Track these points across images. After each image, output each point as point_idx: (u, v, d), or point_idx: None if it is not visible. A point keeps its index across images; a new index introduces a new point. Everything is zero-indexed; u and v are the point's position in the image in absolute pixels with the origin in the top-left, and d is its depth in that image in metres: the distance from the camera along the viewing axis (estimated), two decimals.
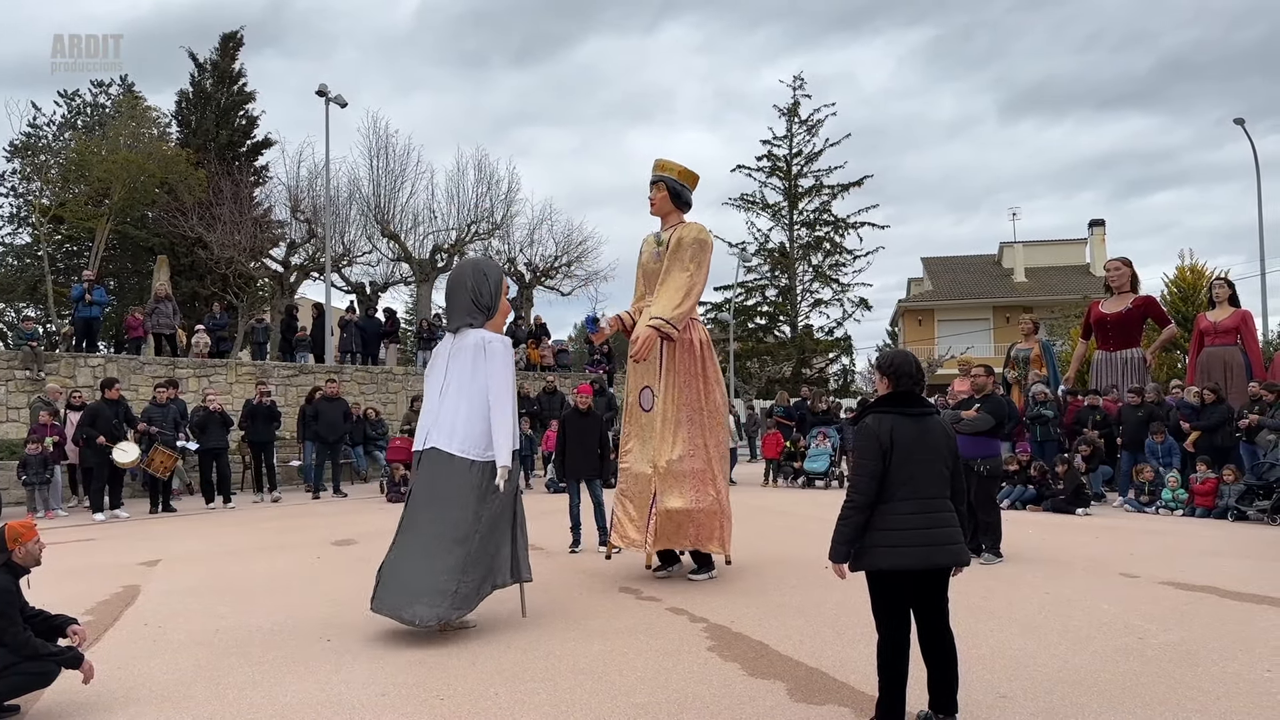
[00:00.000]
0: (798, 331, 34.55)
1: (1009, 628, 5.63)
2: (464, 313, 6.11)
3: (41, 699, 4.56)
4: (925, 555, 3.73)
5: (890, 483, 3.75)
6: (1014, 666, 4.80)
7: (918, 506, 3.74)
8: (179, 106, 33.55)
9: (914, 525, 3.72)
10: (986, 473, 8.08)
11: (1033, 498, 12.35)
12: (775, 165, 36.70)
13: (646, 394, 7.34)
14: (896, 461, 3.74)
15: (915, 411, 3.86)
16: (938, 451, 3.83)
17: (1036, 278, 44.08)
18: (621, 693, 4.46)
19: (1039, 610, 6.10)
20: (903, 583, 3.79)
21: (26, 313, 32.10)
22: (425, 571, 5.53)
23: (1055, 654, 5.03)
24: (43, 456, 13.39)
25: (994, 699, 4.28)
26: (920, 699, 3.95)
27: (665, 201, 7.51)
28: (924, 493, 3.76)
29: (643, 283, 7.72)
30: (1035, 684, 4.50)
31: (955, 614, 6.00)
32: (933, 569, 3.79)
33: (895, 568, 3.73)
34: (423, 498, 5.76)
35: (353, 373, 21.70)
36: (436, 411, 5.91)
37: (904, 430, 3.78)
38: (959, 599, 6.44)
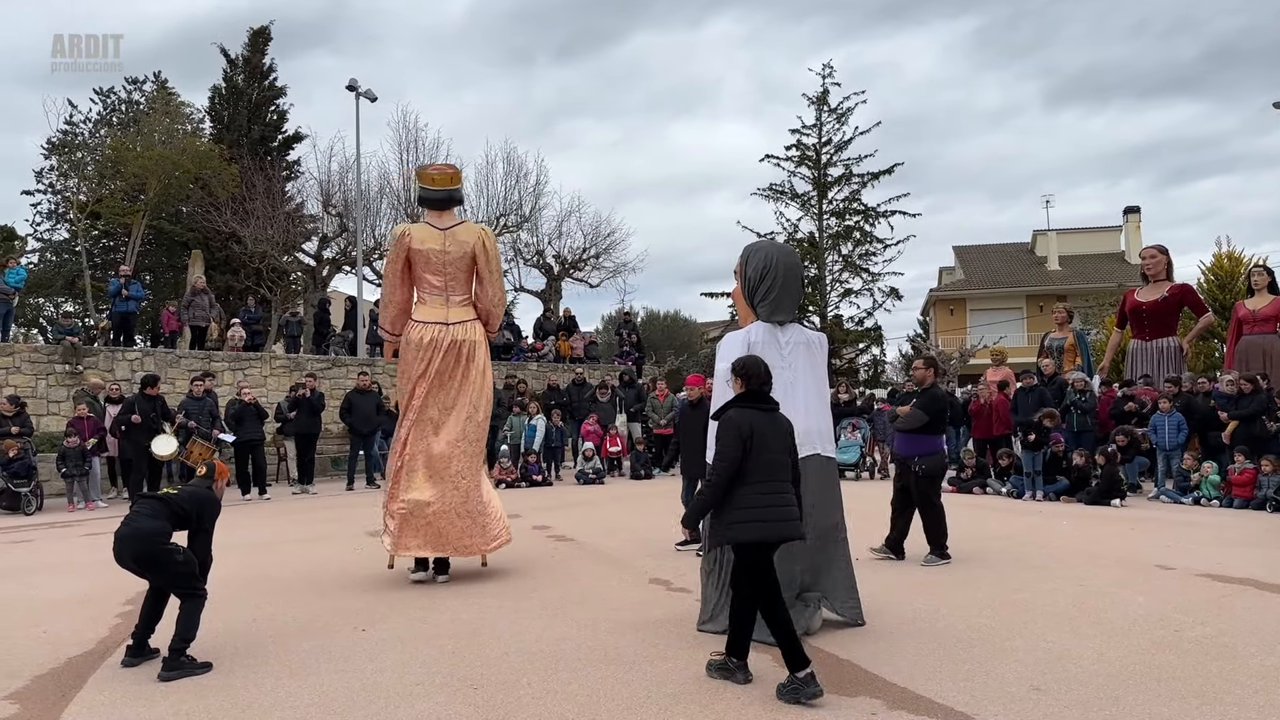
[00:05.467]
0: (827, 322, 34.30)
1: (1042, 620, 5.59)
2: (796, 304, 5.83)
3: (85, 687, 4.67)
4: (777, 529, 4.32)
5: (747, 468, 4.30)
6: (1048, 659, 4.77)
7: (770, 488, 4.33)
8: (212, 102, 33.94)
9: (767, 504, 4.30)
10: (923, 472, 7.74)
11: (1066, 489, 12.25)
12: (804, 154, 36.40)
13: None
14: (754, 449, 4.31)
15: (765, 407, 4.49)
16: (784, 442, 4.45)
17: (1070, 266, 43.52)
18: (654, 683, 4.48)
19: (1073, 602, 6.05)
20: (765, 550, 4.36)
21: (65, 308, 32.70)
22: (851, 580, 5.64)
23: (1090, 646, 4.99)
24: (81, 449, 13.64)
25: (1027, 691, 4.26)
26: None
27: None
28: (774, 476, 4.35)
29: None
30: (1069, 676, 4.47)
31: (990, 606, 6.00)
32: (781, 541, 4.39)
33: (753, 539, 4.29)
34: (824, 503, 5.57)
35: (384, 365, 21.88)
36: (804, 413, 5.46)
37: (759, 423, 4.38)
38: (993, 592, 6.42)
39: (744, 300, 5.76)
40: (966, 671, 4.58)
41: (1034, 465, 12.65)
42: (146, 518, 5.06)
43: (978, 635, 5.27)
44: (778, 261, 5.63)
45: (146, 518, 5.06)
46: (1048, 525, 9.91)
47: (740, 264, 5.78)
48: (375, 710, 4.20)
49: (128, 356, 18.09)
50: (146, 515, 5.08)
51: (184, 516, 5.14)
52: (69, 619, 6.20)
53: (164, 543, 5.00)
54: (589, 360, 25.24)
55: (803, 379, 5.57)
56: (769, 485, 4.32)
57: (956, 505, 12.09)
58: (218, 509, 5.37)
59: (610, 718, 4.02)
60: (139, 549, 4.97)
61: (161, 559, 4.98)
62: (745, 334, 5.50)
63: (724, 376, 5.40)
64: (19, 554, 9.42)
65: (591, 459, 17.14)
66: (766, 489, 4.31)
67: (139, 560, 4.99)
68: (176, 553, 5.03)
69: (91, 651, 5.38)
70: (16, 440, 13.47)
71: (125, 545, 4.99)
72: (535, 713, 4.12)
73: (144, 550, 4.97)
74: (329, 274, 30.24)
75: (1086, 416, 13.54)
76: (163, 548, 4.98)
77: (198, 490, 5.34)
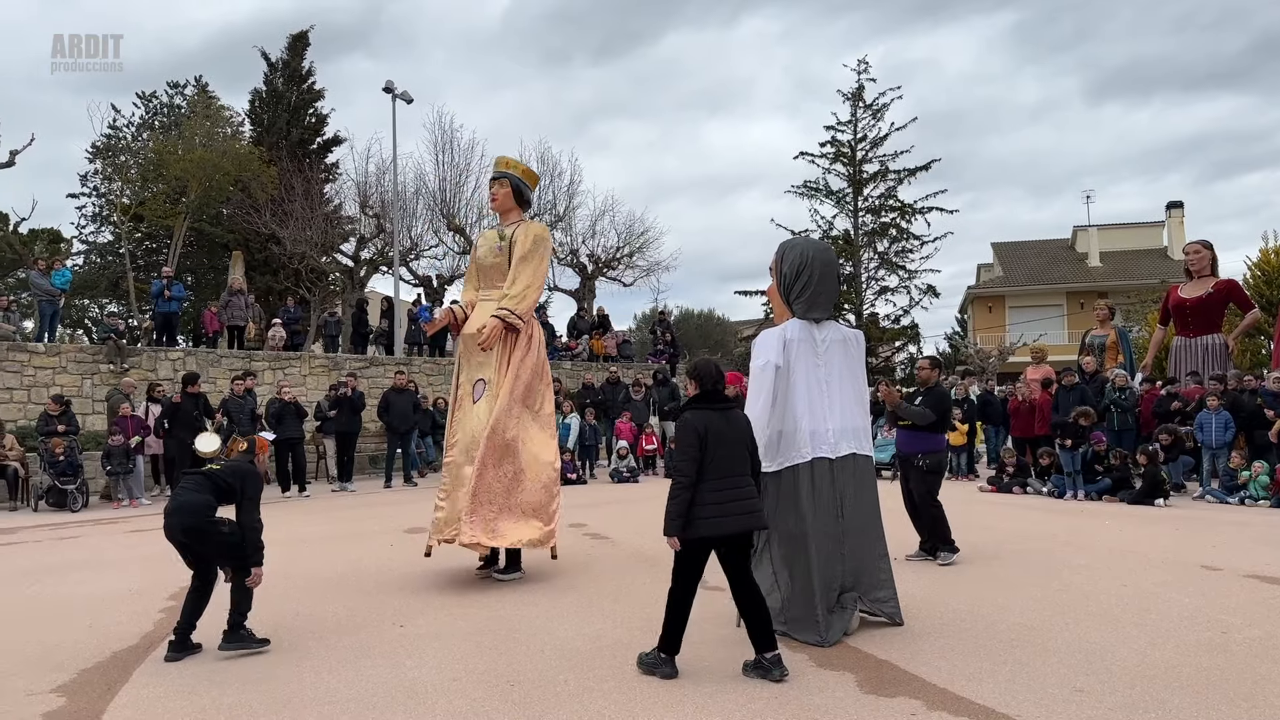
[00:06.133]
0: (862, 320, 34.04)
1: (1085, 620, 5.51)
2: (833, 301, 5.73)
3: (130, 681, 4.75)
4: (738, 522, 4.47)
5: (705, 465, 4.50)
6: (1090, 660, 4.70)
7: (728, 484, 4.50)
8: (252, 105, 34.39)
9: (727, 499, 4.47)
10: (927, 468, 7.71)
11: (1108, 488, 12.05)
12: (839, 151, 36.17)
13: (480, 386, 7.31)
14: (710, 447, 4.51)
15: (720, 406, 4.70)
16: (740, 438, 4.64)
17: (1112, 262, 42.87)
18: (689, 682, 4.47)
19: (1116, 603, 5.96)
20: (708, 548, 4.53)
21: (109, 308, 33.30)
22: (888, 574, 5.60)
23: (1134, 648, 4.90)
24: (125, 447, 13.89)
25: (1069, 693, 4.20)
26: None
27: (508, 198, 7.63)
28: (732, 471, 4.53)
29: (478, 277, 7.67)
30: (1113, 677, 4.40)
31: (1030, 606, 5.92)
32: (743, 533, 4.53)
33: (716, 534, 4.45)
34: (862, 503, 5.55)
35: (421, 364, 22.07)
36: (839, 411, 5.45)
37: (714, 422, 4.59)
38: (1033, 592, 6.34)
39: (779, 297, 5.72)
40: (1007, 672, 4.52)
41: (1074, 465, 12.47)
42: (192, 492, 5.30)
43: (1018, 635, 5.20)
44: (814, 258, 5.59)
45: (192, 492, 5.30)
46: (1089, 525, 9.76)
47: (776, 260, 5.74)
48: (414, 706, 4.24)
49: (170, 356, 18.39)
50: (192, 490, 5.32)
51: (228, 489, 5.35)
52: (114, 614, 6.31)
53: (209, 515, 5.21)
54: (623, 359, 25.26)
55: (839, 377, 5.52)
56: (725, 481, 4.51)
57: (996, 505, 11.97)
58: (260, 481, 5.61)
59: (648, 716, 4.02)
60: (186, 522, 5.19)
61: (208, 531, 5.20)
62: (781, 331, 5.46)
63: (758, 373, 5.37)
64: (66, 550, 9.60)
65: (626, 457, 17.16)
66: (723, 484, 4.50)
67: (187, 533, 5.20)
68: (222, 525, 5.25)
69: (136, 646, 5.47)
70: (63, 439, 13.75)
71: (174, 519, 5.22)
72: (573, 710, 4.12)
73: (191, 523, 5.18)
74: (366, 274, 30.52)
75: (1127, 415, 13.32)
76: (208, 520, 5.20)
77: (239, 464, 5.55)
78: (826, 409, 5.42)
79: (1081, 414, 12.59)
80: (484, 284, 7.60)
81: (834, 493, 5.36)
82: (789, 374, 5.37)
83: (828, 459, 5.35)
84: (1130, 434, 13.25)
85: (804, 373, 5.40)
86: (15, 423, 15.62)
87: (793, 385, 5.37)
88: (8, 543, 10.28)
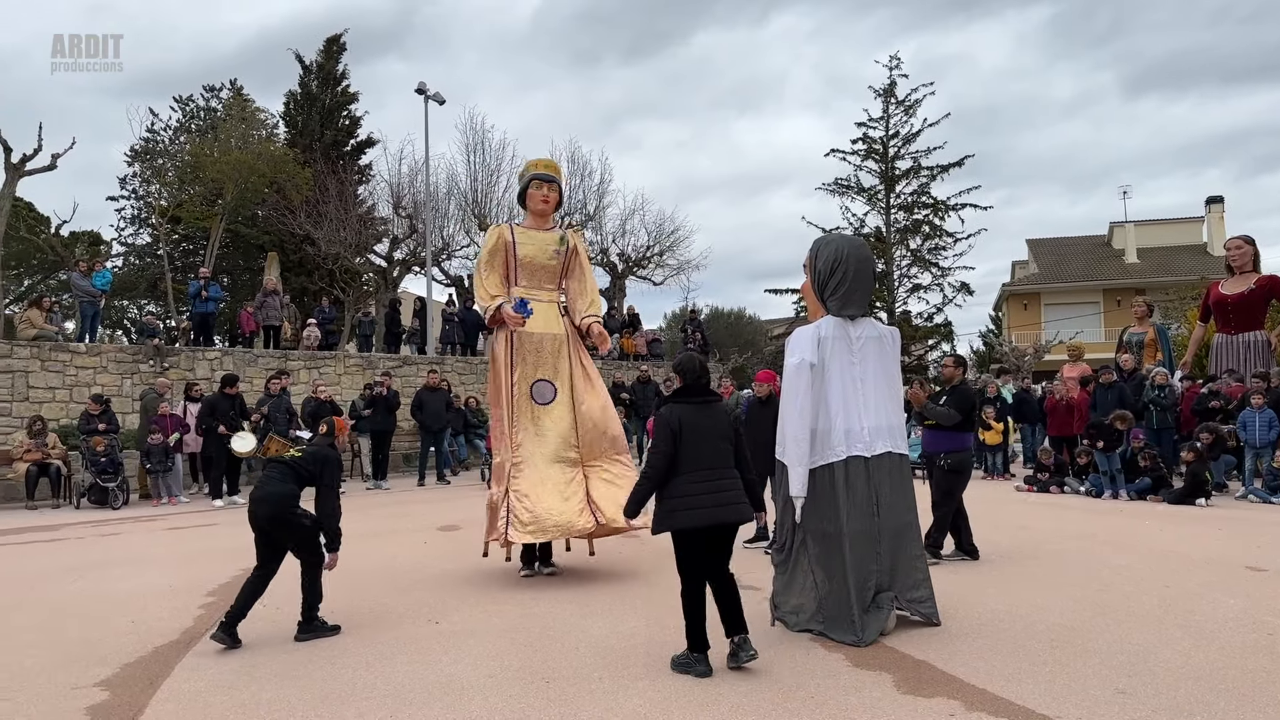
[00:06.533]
0: (895, 318, 33.81)
1: (1126, 621, 5.43)
2: (867, 298, 5.72)
3: (171, 676, 4.81)
4: (712, 515, 4.51)
5: (682, 459, 4.56)
6: (1133, 661, 4.62)
7: (706, 476, 4.55)
8: (286, 108, 34.76)
9: (703, 491, 4.52)
10: (948, 467, 7.61)
11: (1148, 488, 11.87)
12: (871, 148, 35.95)
13: (542, 386, 7.39)
14: (686, 441, 4.57)
15: (699, 401, 4.75)
16: (721, 432, 4.68)
17: (1149, 258, 42.21)
18: (725, 681, 4.46)
19: (1159, 604, 5.86)
20: (698, 539, 4.57)
21: (148, 309, 33.81)
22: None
23: (1177, 649, 4.82)
24: (164, 446, 14.09)
25: (1111, 694, 4.13)
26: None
27: (557, 202, 7.82)
28: (710, 465, 4.58)
29: (521, 274, 7.61)
30: (1156, 679, 4.32)
31: (1070, 607, 5.84)
32: (720, 525, 4.56)
33: (691, 526, 4.51)
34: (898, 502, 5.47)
35: (453, 363, 22.20)
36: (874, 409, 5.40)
37: (691, 416, 4.64)
38: (1073, 592, 6.25)
39: (814, 294, 5.68)
40: (1047, 673, 4.46)
41: (1110, 465, 12.29)
42: (276, 482, 5.54)
43: (1058, 636, 5.14)
44: (848, 254, 5.55)
45: (276, 482, 5.54)
46: (1129, 525, 9.62)
47: (810, 257, 5.70)
48: (450, 702, 4.26)
49: (207, 356, 18.62)
50: (276, 480, 5.55)
51: (309, 475, 5.59)
52: (155, 609, 6.40)
53: (293, 506, 5.47)
54: (653, 358, 25.26)
55: (873, 374, 5.48)
56: (703, 474, 4.56)
57: (1033, 504, 11.83)
58: (339, 466, 5.84)
59: (683, 716, 4.00)
60: (271, 511, 5.44)
61: (291, 522, 5.46)
62: (815, 328, 5.43)
63: (793, 371, 5.34)
64: (107, 547, 9.76)
65: None
66: (700, 477, 4.55)
67: (270, 521, 5.45)
68: (304, 517, 5.50)
69: (177, 641, 5.54)
70: (104, 437, 13.97)
71: (259, 508, 5.47)
72: (607, 707, 4.12)
73: (275, 513, 5.44)
74: (399, 274, 30.76)
75: (1166, 414, 13.11)
76: (291, 511, 5.46)
77: (319, 450, 5.79)
78: (861, 407, 5.38)
79: (1118, 417, 12.39)
80: (530, 283, 7.60)
81: (869, 491, 5.32)
82: (824, 371, 5.33)
83: (863, 457, 5.31)
84: (1169, 433, 13.05)
85: (839, 370, 5.36)
86: (57, 421, 15.89)
87: (827, 383, 5.33)
88: (52, 539, 10.47)
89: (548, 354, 7.43)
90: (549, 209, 7.79)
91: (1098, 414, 13.16)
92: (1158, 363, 14.55)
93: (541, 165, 7.90)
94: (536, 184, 7.68)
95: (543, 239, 7.69)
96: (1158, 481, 11.82)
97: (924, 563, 5.57)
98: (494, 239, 7.64)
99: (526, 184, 7.74)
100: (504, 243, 7.59)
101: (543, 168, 7.86)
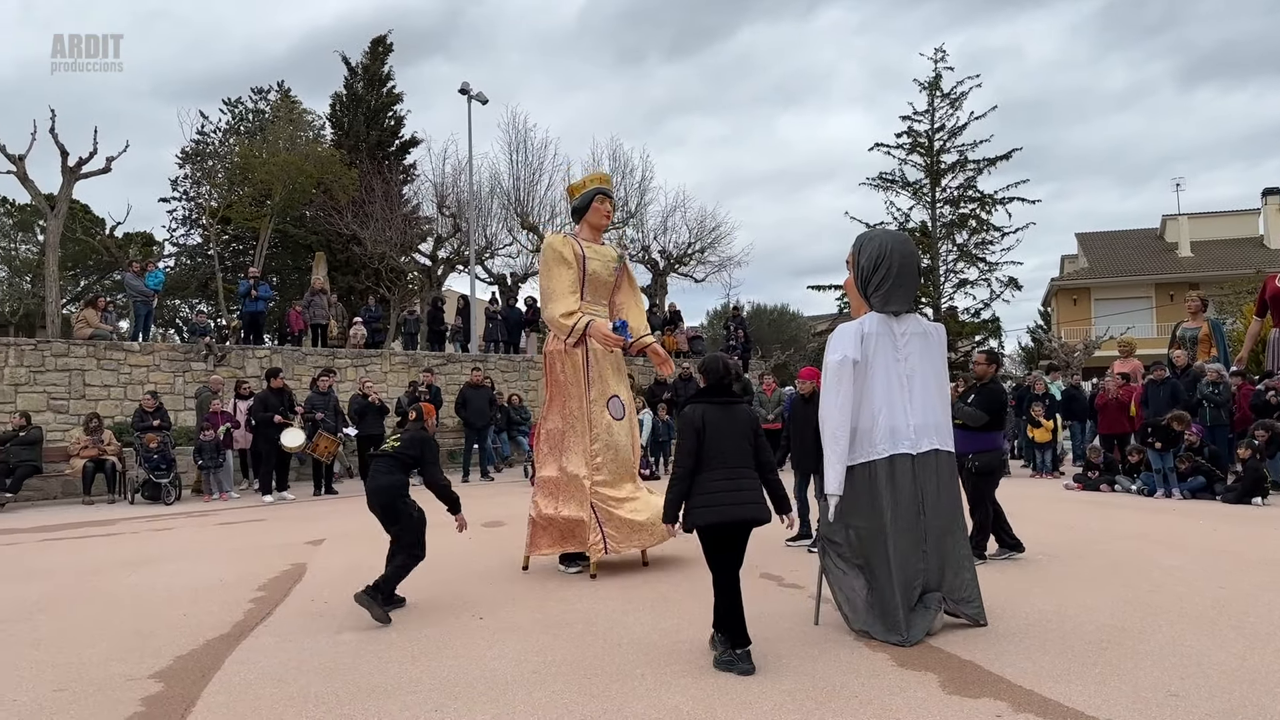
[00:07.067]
0: (941, 314, 33.39)
1: (1179, 623, 5.32)
2: (912, 294, 5.61)
3: (222, 668, 4.91)
4: (730, 512, 4.61)
5: (705, 457, 4.69)
6: (1186, 664, 4.53)
7: (726, 474, 4.66)
8: (333, 109, 35.23)
9: (723, 489, 4.63)
10: (977, 470, 7.39)
11: (1202, 486, 11.62)
12: (916, 141, 35.53)
13: (616, 403, 7.42)
14: (709, 440, 4.70)
15: (723, 401, 4.85)
16: (742, 431, 4.78)
17: (1204, 252, 41.27)
18: (768, 679, 4.45)
19: (1212, 605, 5.74)
20: (720, 534, 4.67)
21: (199, 308, 34.48)
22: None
23: (1231, 652, 4.72)
24: (215, 442, 14.37)
25: (1164, 697, 4.05)
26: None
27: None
28: (731, 464, 4.69)
29: (586, 290, 7.51)
30: (1209, 682, 4.23)
31: (1120, 607, 5.74)
32: (737, 522, 4.64)
33: (710, 522, 4.62)
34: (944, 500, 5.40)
35: (496, 361, 22.36)
36: (920, 406, 5.34)
37: (714, 416, 4.76)
38: (1123, 592, 6.14)
39: (856, 290, 5.63)
40: (1097, 674, 4.39)
41: (1164, 464, 12.04)
42: (384, 474, 6.07)
43: (1107, 637, 5.05)
44: (892, 250, 5.49)
45: (384, 474, 6.07)
46: (1182, 524, 9.43)
47: (853, 253, 5.65)
48: (495, 697, 4.29)
49: (257, 354, 18.95)
50: (384, 472, 6.08)
51: (412, 460, 6.13)
52: (207, 603, 6.53)
53: (402, 495, 6.02)
54: (695, 355, 25.22)
55: (919, 372, 5.41)
56: (723, 472, 4.67)
57: (1082, 503, 11.63)
58: (435, 445, 6.33)
59: (726, 715, 3.99)
60: (383, 500, 6.01)
61: (399, 511, 5.99)
62: (858, 325, 5.38)
63: (834, 367, 5.30)
64: (160, 542, 9.98)
65: None
66: (720, 475, 4.66)
67: (383, 509, 6.03)
68: (411, 509, 6.04)
69: (227, 634, 5.65)
70: (157, 434, 14.28)
71: (373, 497, 6.06)
72: (650, 704, 4.13)
73: (386, 501, 6.00)
74: (443, 273, 31.03)
75: (1220, 411, 12.81)
76: (401, 500, 6.01)
77: (414, 434, 6.24)
78: (906, 404, 5.32)
79: (1175, 418, 12.11)
80: (592, 298, 7.56)
81: (915, 489, 5.26)
82: (866, 368, 5.28)
83: (909, 455, 5.26)
84: (1223, 430, 12.74)
85: (882, 367, 5.31)
86: (112, 419, 16.27)
87: (870, 380, 5.28)
88: (107, 534, 10.73)
89: (613, 370, 7.48)
90: (609, 223, 7.83)
91: (1150, 412, 12.89)
92: (1212, 358, 14.21)
93: (604, 179, 7.94)
94: (601, 198, 7.64)
95: (604, 254, 7.68)
96: (1209, 479, 11.56)
97: (971, 562, 5.50)
98: (567, 251, 7.40)
99: (591, 197, 7.63)
100: (577, 256, 7.42)
101: (605, 181, 7.89)
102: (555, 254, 7.41)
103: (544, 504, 7.45)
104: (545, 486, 7.51)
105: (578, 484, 7.26)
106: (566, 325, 7.24)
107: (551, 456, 7.52)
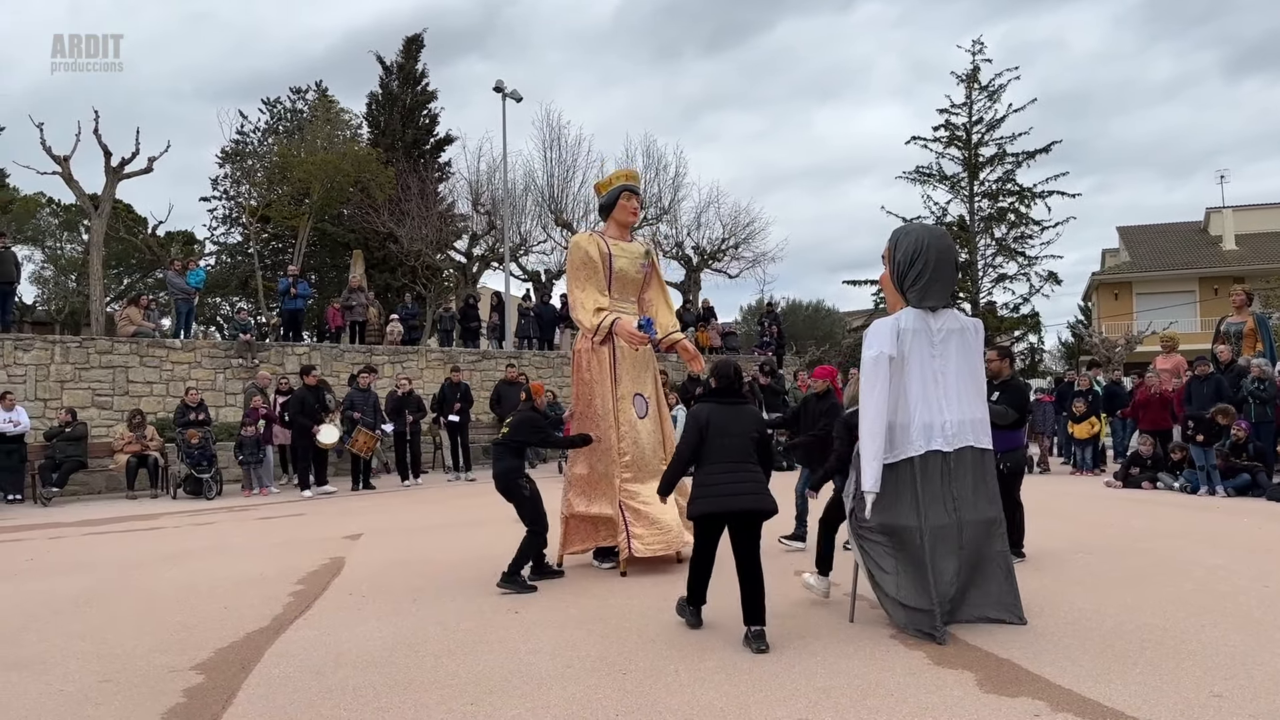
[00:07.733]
0: (979, 308, 32.98)
1: (1223, 623, 5.22)
2: (949, 289, 5.56)
3: (261, 661, 4.98)
4: (726, 503, 5.00)
5: (708, 451, 5.11)
6: (1229, 664, 4.45)
7: (728, 468, 5.05)
8: (369, 108, 35.56)
9: (724, 482, 5.02)
10: (1008, 470, 7.12)
11: (1247, 484, 11.39)
12: (953, 135, 35.10)
13: (640, 401, 7.39)
14: (712, 436, 5.10)
15: (729, 401, 5.27)
16: (745, 429, 5.17)
17: (1249, 245, 40.41)
18: (802, 675, 4.43)
19: (1258, 605, 5.63)
20: (716, 524, 5.12)
21: (240, 306, 34.96)
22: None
23: (1277, 652, 4.62)
24: (256, 438, 14.58)
25: (1207, 698, 3.99)
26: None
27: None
28: (733, 458, 5.08)
29: (614, 286, 7.49)
30: (1254, 683, 4.15)
31: (1161, 606, 5.64)
32: (738, 512, 5.02)
33: (705, 511, 5.07)
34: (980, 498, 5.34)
35: (530, 357, 22.46)
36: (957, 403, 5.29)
37: (719, 414, 5.18)
38: (1164, 591, 6.04)
39: (892, 286, 5.58)
40: (1138, 674, 4.32)
41: (1207, 460, 11.82)
42: (497, 461, 6.77)
43: (1149, 636, 4.97)
44: (929, 245, 5.43)
45: (497, 461, 6.77)
46: (1226, 522, 9.25)
47: (889, 248, 5.60)
48: (529, 690, 4.32)
49: (296, 351, 19.19)
50: (497, 459, 6.79)
51: (523, 442, 6.81)
52: (246, 597, 6.63)
53: (517, 477, 6.63)
54: (728, 350, 25.16)
55: (955, 368, 5.36)
56: (724, 466, 5.06)
57: (1124, 500, 11.46)
58: (540, 421, 6.92)
59: (761, 712, 3.98)
60: (502, 484, 6.66)
61: (515, 492, 6.61)
62: (894, 320, 5.33)
63: (870, 364, 5.25)
64: (201, 536, 10.14)
65: None
66: (720, 469, 5.05)
67: (503, 494, 6.68)
68: (524, 489, 6.61)
69: (267, 627, 5.73)
70: (198, 430, 14.51)
71: (497, 482, 6.71)
72: (684, 700, 4.13)
73: (504, 485, 6.64)
74: (478, 270, 31.21)
75: (1266, 407, 12.54)
76: (515, 482, 6.61)
77: (522, 416, 6.84)
78: (943, 400, 5.27)
79: (1220, 411, 11.88)
80: (620, 295, 7.56)
81: (949, 487, 5.21)
82: (903, 364, 5.24)
83: (942, 452, 5.21)
84: (1269, 426, 12.48)
85: (919, 363, 5.26)
86: (155, 415, 16.56)
87: (907, 376, 5.24)
88: (150, 528, 10.92)
89: (641, 368, 7.46)
90: (636, 220, 7.84)
91: (1193, 407, 12.66)
92: (1257, 353, 13.92)
93: (631, 176, 7.92)
94: (627, 195, 7.65)
95: (632, 250, 7.67)
96: (1257, 478, 11.34)
97: (1008, 560, 5.44)
98: (592, 250, 7.43)
99: (617, 194, 7.64)
100: (602, 254, 7.45)
101: (632, 178, 7.89)
102: (581, 252, 7.46)
103: (576, 501, 7.49)
104: (577, 484, 7.54)
105: (608, 481, 7.30)
106: (593, 323, 7.28)
107: (582, 454, 7.54)
